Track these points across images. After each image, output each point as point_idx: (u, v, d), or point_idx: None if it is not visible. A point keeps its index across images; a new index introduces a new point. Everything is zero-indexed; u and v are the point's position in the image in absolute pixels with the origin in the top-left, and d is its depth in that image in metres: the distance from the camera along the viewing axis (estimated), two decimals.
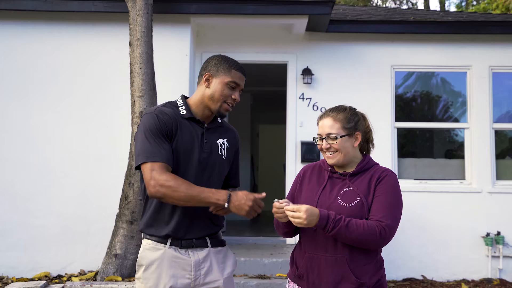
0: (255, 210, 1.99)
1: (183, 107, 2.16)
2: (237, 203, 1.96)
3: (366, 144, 2.26)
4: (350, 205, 2.02)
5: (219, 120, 2.27)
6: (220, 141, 2.21)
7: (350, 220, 1.96)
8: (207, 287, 2.11)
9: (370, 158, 2.20)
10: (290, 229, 2.13)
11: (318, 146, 2.17)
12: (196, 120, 2.16)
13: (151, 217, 2.13)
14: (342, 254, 1.99)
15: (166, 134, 2.06)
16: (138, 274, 2.11)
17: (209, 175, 2.15)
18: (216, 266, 2.14)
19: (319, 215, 1.93)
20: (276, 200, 2.00)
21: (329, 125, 2.12)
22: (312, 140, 2.28)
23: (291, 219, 1.93)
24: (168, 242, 2.09)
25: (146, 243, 2.13)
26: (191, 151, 2.10)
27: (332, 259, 2.00)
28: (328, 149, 2.12)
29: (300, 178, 2.23)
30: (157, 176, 1.97)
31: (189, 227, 2.11)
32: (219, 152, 2.18)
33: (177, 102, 2.20)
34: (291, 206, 1.94)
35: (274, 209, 1.98)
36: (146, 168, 2.01)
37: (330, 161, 2.14)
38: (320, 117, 2.20)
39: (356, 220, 1.97)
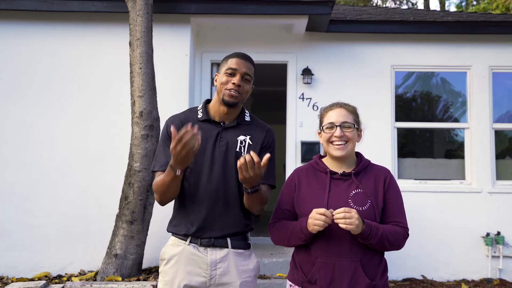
0: (177, 151, 1.87)
1: (201, 110, 2.23)
2: (173, 161, 1.94)
3: None
4: (363, 208, 2.01)
5: (247, 118, 2.25)
6: (241, 138, 2.17)
7: (384, 226, 1.99)
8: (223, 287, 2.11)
9: (362, 155, 2.20)
10: (307, 241, 2.04)
11: (326, 136, 2.09)
12: (212, 121, 2.19)
13: (174, 215, 2.21)
14: (355, 257, 1.99)
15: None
16: (160, 268, 2.19)
17: (226, 172, 2.12)
18: (234, 268, 2.12)
19: (363, 222, 1.93)
20: (330, 210, 1.93)
21: (345, 114, 2.10)
22: (312, 140, 2.26)
23: (341, 221, 1.87)
24: (188, 240, 2.13)
25: (170, 239, 2.21)
26: (203, 152, 2.11)
27: (347, 263, 1.99)
28: (340, 138, 2.07)
29: (296, 183, 2.15)
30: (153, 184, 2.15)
31: (207, 227, 2.12)
32: (238, 149, 2.14)
33: (198, 106, 2.28)
34: (340, 209, 1.91)
35: (322, 217, 1.89)
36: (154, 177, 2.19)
37: (338, 153, 2.07)
38: (330, 108, 2.15)
39: (386, 226, 2.02)
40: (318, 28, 5.67)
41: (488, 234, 5.54)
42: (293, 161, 5.76)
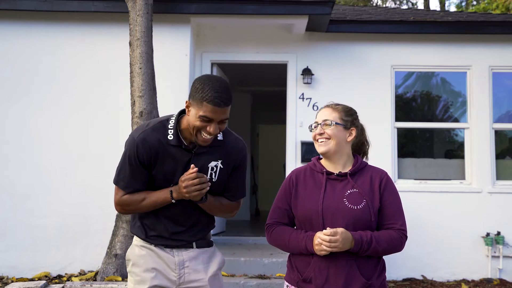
0: (196, 189, 1.98)
1: (172, 131, 2.07)
2: (178, 192, 2.03)
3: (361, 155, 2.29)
4: (358, 207, 2.02)
5: (219, 137, 2.12)
6: (212, 164, 2.11)
7: (378, 236, 2.00)
8: (192, 285, 2.15)
9: (359, 156, 2.22)
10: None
11: (312, 135, 2.17)
12: (183, 147, 2.08)
13: (138, 221, 2.22)
14: (351, 257, 1.99)
15: (143, 163, 2.08)
16: (128, 268, 2.22)
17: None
18: (202, 265, 2.17)
19: (353, 239, 1.94)
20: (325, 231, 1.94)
21: (328, 113, 2.16)
22: (312, 140, 2.27)
23: (326, 244, 1.91)
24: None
25: (135, 239, 2.23)
26: (172, 178, 2.08)
27: (342, 262, 1.99)
28: (321, 135, 2.12)
29: (294, 183, 2.16)
30: (116, 199, 2.15)
31: (171, 241, 2.15)
32: (209, 176, 2.10)
33: (169, 123, 2.09)
34: (327, 230, 1.93)
35: (324, 243, 1.92)
36: (115, 189, 2.19)
37: (321, 149, 2.12)
38: (320, 109, 2.23)
39: (380, 233, 2.02)
40: (318, 28, 5.67)
41: (488, 234, 5.53)
42: (293, 161, 5.76)
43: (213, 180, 2.12)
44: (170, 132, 2.07)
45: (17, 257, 5.02)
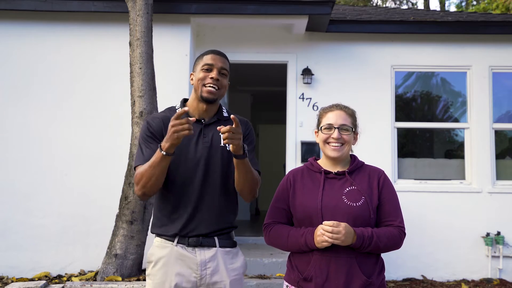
0: (179, 129, 1.88)
1: (179, 106, 2.27)
2: (166, 139, 1.93)
3: None
4: (357, 204, 2.03)
5: (225, 114, 2.27)
6: None
7: (379, 232, 2.01)
8: (213, 287, 2.11)
9: (356, 156, 2.23)
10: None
11: (324, 136, 2.13)
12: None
13: (156, 216, 2.20)
14: (351, 255, 2.00)
15: (155, 135, 2.15)
16: (148, 271, 2.17)
17: (211, 168, 2.13)
18: (224, 266, 2.13)
19: (355, 234, 1.95)
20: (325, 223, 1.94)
21: (344, 117, 2.14)
22: (312, 140, 2.27)
23: (328, 235, 1.92)
24: (175, 240, 2.12)
25: (155, 240, 2.20)
26: (186, 149, 2.12)
27: (342, 260, 1.99)
28: (337, 140, 2.10)
29: (291, 183, 2.17)
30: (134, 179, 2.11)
31: (194, 223, 2.11)
32: (222, 144, 2.15)
33: (176, 106, 2.30)
34: (329, 222, 1.94)
35: (327, 234, 1.93)
36: (134, 175, 2.15)
37: (334, 154, 2.11)
38: (330, 109, 2.18)
39: (381, 230, 2.03)
40: (318, 28, 5.68)
41: (488, 234, 5.54)
42: (293, 161, 5.76)
43: (227, 148, 2.15)
44: (178, 109, 2.24)
45: (17, 257, 5.02)
